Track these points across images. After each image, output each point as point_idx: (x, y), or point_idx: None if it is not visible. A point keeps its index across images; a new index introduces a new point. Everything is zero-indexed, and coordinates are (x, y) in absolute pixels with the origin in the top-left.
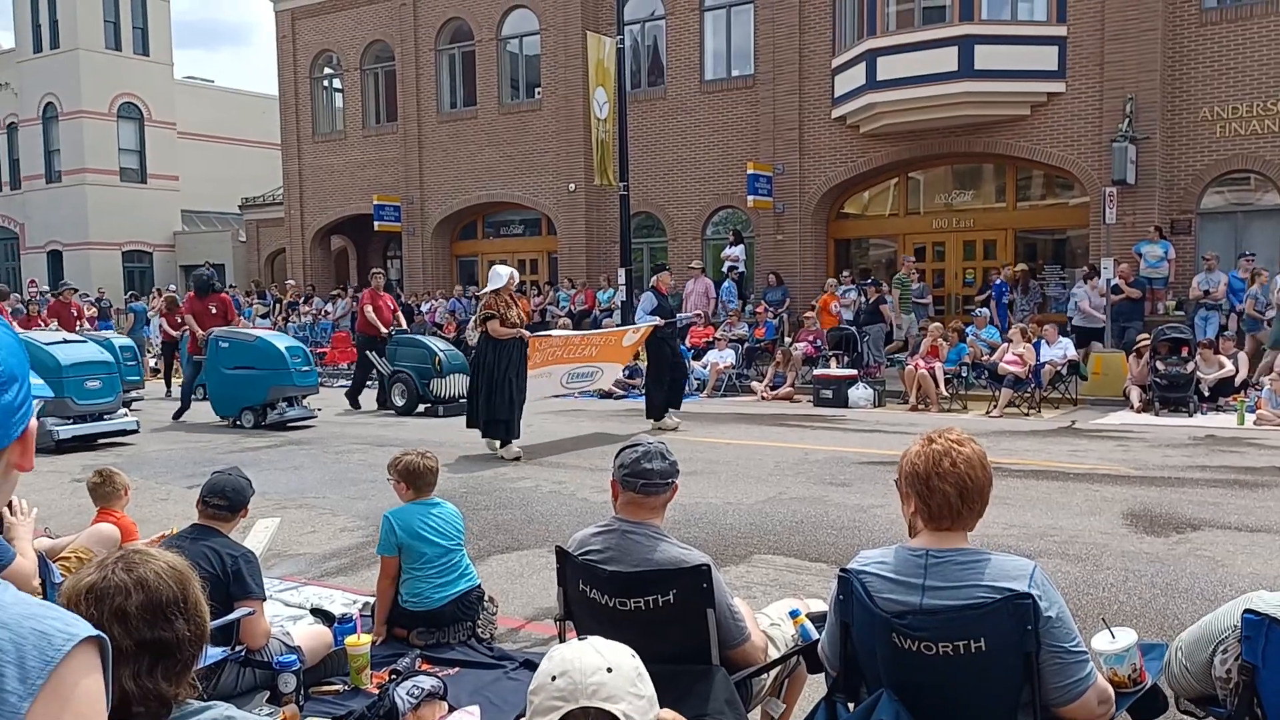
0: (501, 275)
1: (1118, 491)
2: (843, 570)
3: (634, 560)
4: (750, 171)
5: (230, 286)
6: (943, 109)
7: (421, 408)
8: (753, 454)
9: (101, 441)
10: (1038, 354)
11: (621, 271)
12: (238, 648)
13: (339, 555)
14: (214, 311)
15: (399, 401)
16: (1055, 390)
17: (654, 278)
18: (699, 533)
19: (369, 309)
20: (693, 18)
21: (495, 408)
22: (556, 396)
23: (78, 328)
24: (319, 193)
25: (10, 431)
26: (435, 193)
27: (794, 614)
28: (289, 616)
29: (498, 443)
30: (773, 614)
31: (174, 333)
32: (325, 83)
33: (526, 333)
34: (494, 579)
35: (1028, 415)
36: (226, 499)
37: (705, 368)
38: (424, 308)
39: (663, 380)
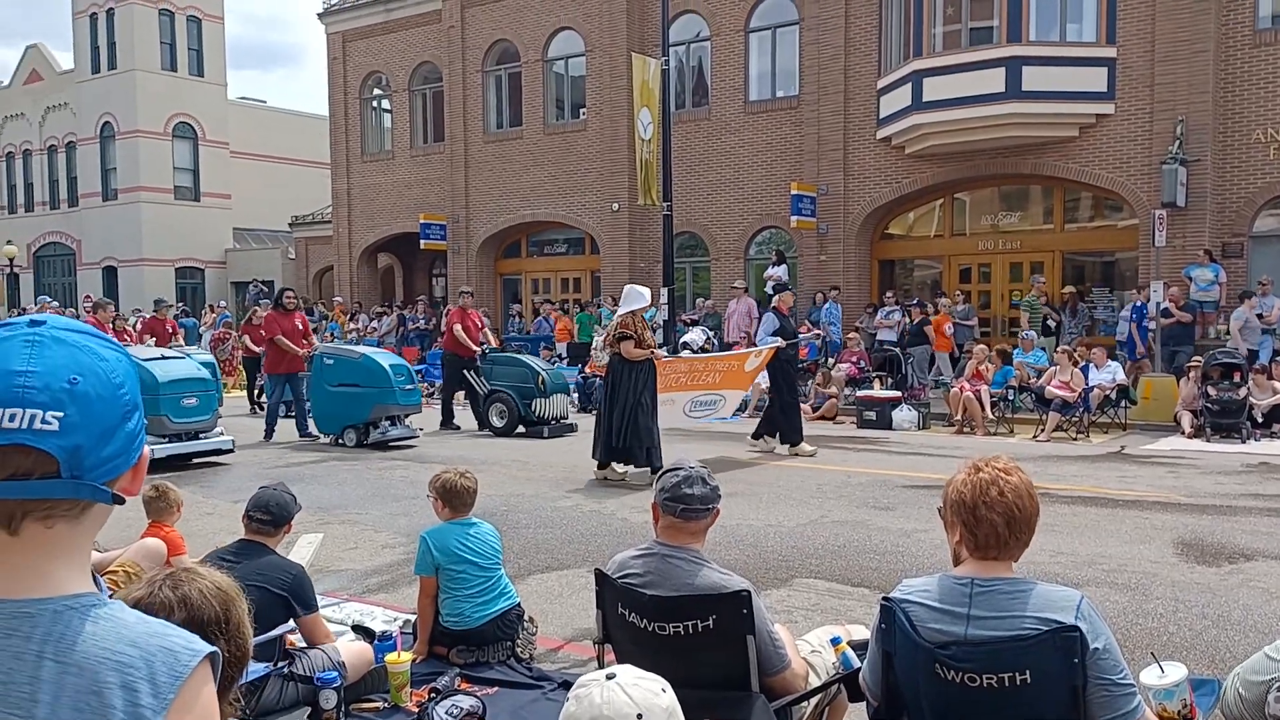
0: (643, 295)
1: (1168, 519)
2: (885, 598)
3: (674, 585)
4: (794, 192)
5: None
6: (989, 130)
7: (521, 428)
8: (794, 476)
9: (195, 461)
10: (1086, 378)
11: (664, 291)
12: (280, 663)
13: (380, 572)
14: (299, 328)
15: (498, 422)
16: (1104, 415)
17: (774, 298)
18: (739, 555)
19: (458, 328)
20: (738, 39)
21: (633, 433)
22: (674, 428)
23: (171, 344)
24: (367, 211)
25: (130, 458)
26: (480, 211)
27: (835, 641)
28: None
29: (622, 468)
30: (814, 641)
31: (256, 349)
32: (374, 103)
33: (660, 353)
34: (533, 598)
35: (1076, 440)
36: (270, 514)
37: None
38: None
39: (785, 409)
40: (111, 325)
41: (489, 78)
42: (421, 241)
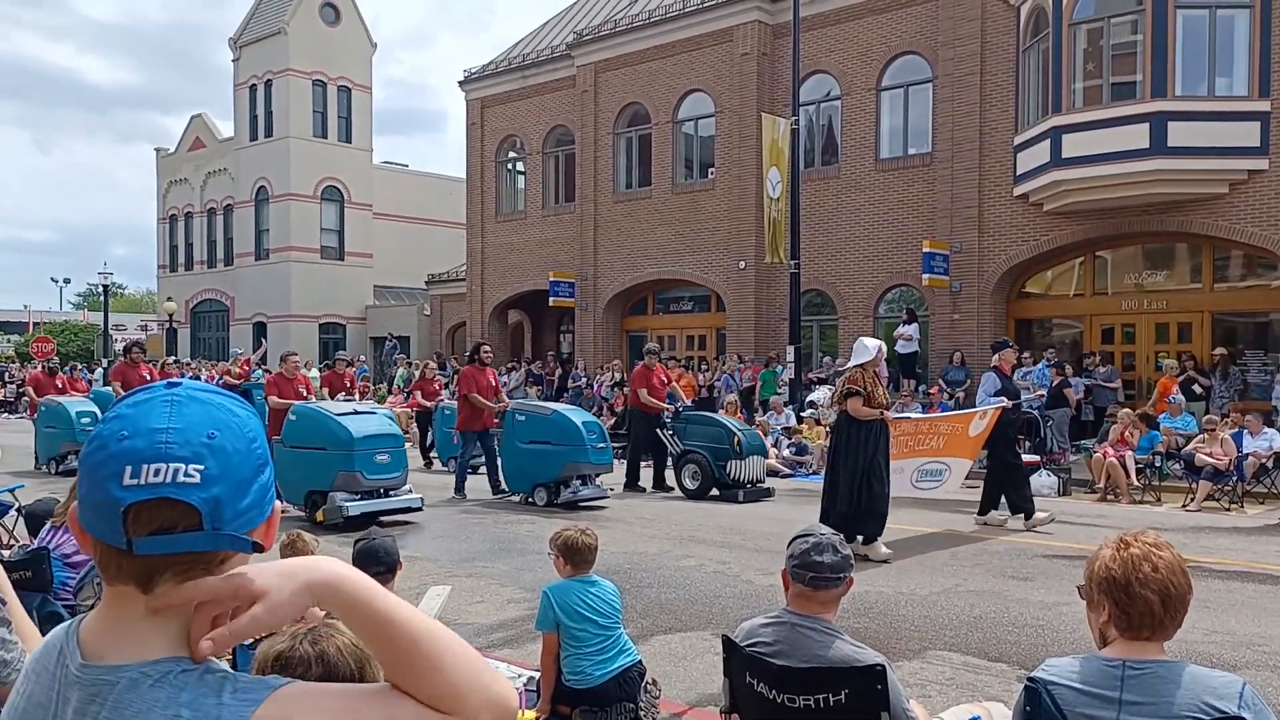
0: (869, 349)
1: None
2: (1030, 679)
3: (804, 656)
4: (926, 250)
5: (437, 354)
6: (1133, 187)
7: (715, 491)
8: (926, 542)
9: (385, 520)
10: (1239, 445)
11: (790, 349)
12: None
13: (505, 627)
14: (492, 384)
15: (690, 484)
16: (1259, 484)
17: (995, 356)
18: (870, 624)
19: (643, 391)
20: (869, 98)
21: (864, 499)
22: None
23: (351, 399)
24: (499, 269)
25: (264, 510)
26: (608, 269)
27: None
28: None
29: (859, 539)
30: None
31: (428, 404)
32: (509, 165)
33: (890, 414)
34: (657, 660)
35: (1229, 510)
36: (384, 563)
37: None
38: (594, 383)
39: (1009, 472)
40: (297, 374)
41: (620, 139)
42: (550, 299)
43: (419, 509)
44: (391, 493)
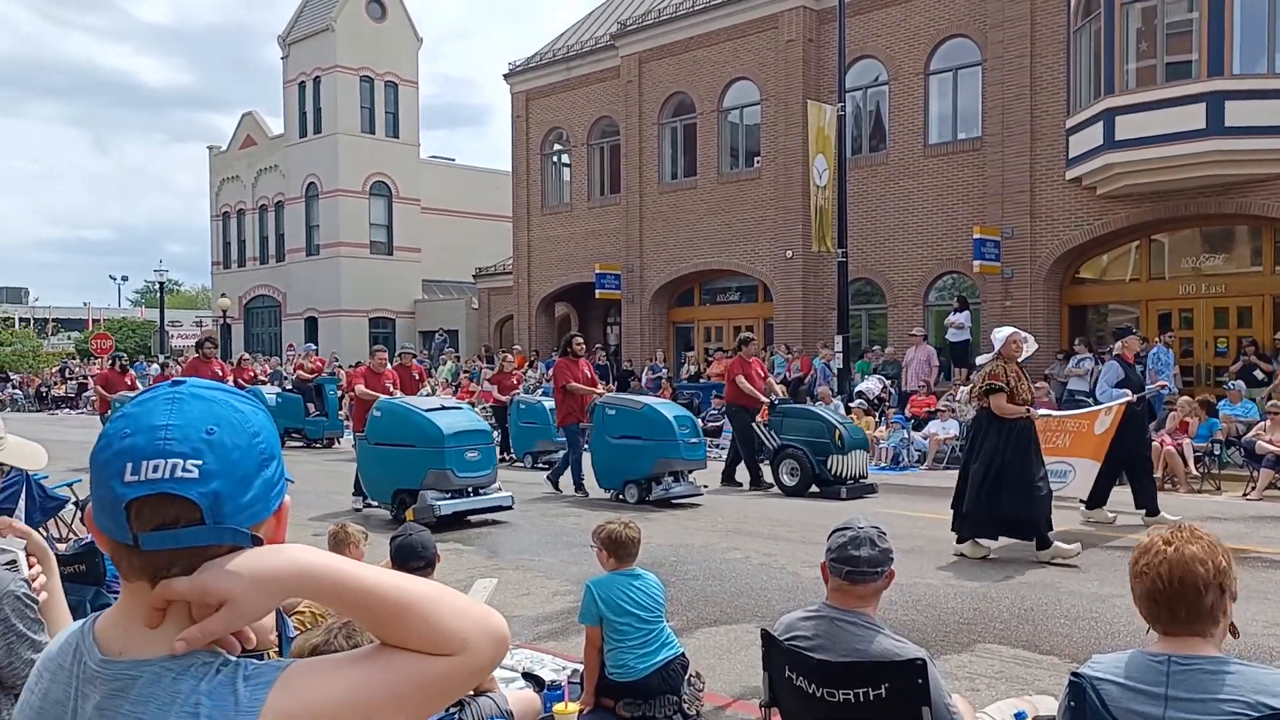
0: (998, 338)
1: None
2: (1074, 674)
3: (843, 650)
4: (977, 236)
5: (485, 348)
6: (1189, 169)
7: (814, 488)
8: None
9: (473, 519)
10: None
11: (838, 338)
12: (450, 709)
13: (551, 619)
14: (589, 375)
15: (789, 480)
16: None
17: (1117, 344)
18: (916, 616)
19: (741, 379)
20: (917, 82)
21: (1010, 503)
22: None
23: (419, 393)
24: (545, 262)
25: (270, 505)
26: (654, 261)
27: (1020, 716)
28: (501, 679)
29: (986, 543)
30: (995, 714)
31: (503, 398)
32: (554, 158)
33: (1034, 411)
34: (701, 653)
35: None
36: (423, 557)
37: (925, 439)
38: (641, 375)
39: (1138, 465)
40: (385, 369)
41: (665, 129)
42: (597, 291)
43: (509, 507)
44: (482, 491)
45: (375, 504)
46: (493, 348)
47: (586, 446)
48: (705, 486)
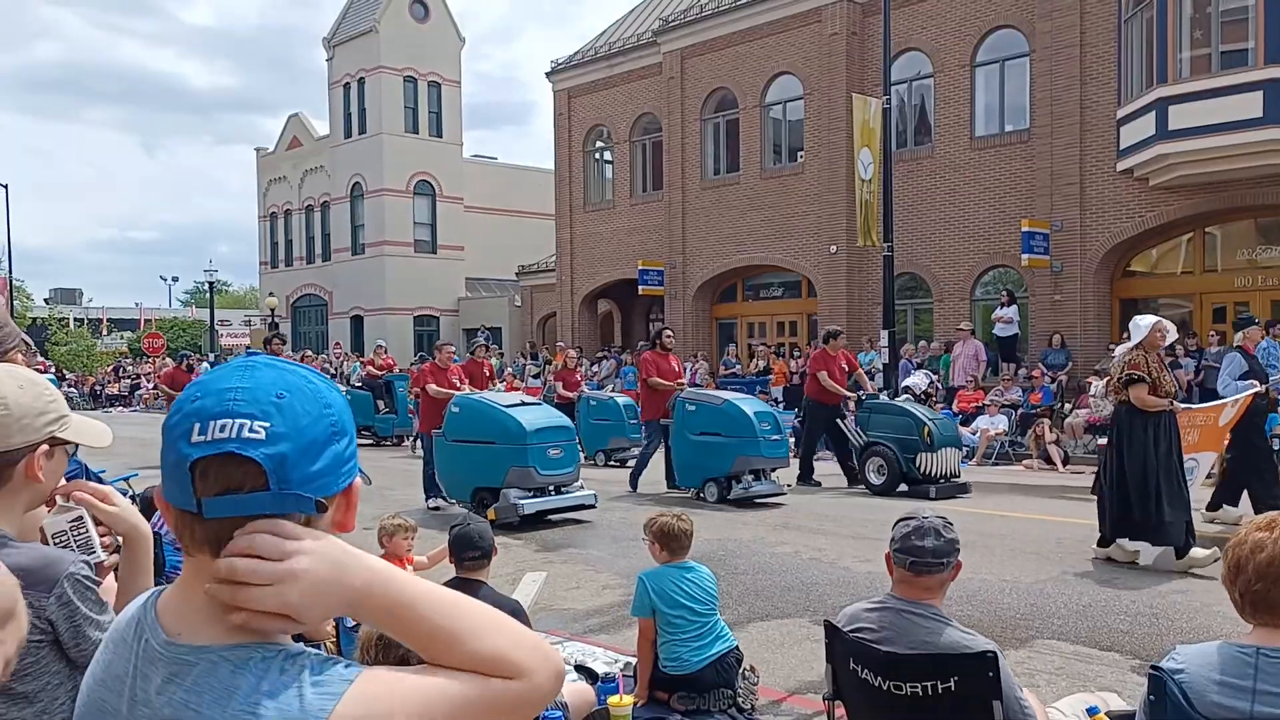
0: (1143, 326)
1: None
2: (1154, 667)
3: (911, 642)
4: (1025, 229)
5: (530, 344)
6: (1245, 158)
7: (903, 486)
8: (1031, 528)
9: (554, 518)
10: None
11: (884, 334)
12: None
13: (601, 612)
14: (675, 369)
15: (875, 479)
16: None
17: (1239, 334)
18: (973, 611)
19: (824, 375)
20: (963, 74)
21: (1167, 501)
22: None
23: (490, 388)
24: (588, 259)
25: (338, 481)
26: (697, 257)
27: (1092, 711)
28: None
29: (1131, 545)
30: (1066, 710)
31: (570, 395)
32: (597, 155)
33: (1177, 404)
34: (754, 647)
35: None
36: (479, 549)
37: (975, 434)
38: (687, 369)
39: (1257, 463)
40: (451, 364)
41: (707, 125)
42: (639, 287)
43: (593, 506)
44: (564, 489)
45: (454, 502)
46: (536, 344)
47: (654, 443)
48: (788, 486)
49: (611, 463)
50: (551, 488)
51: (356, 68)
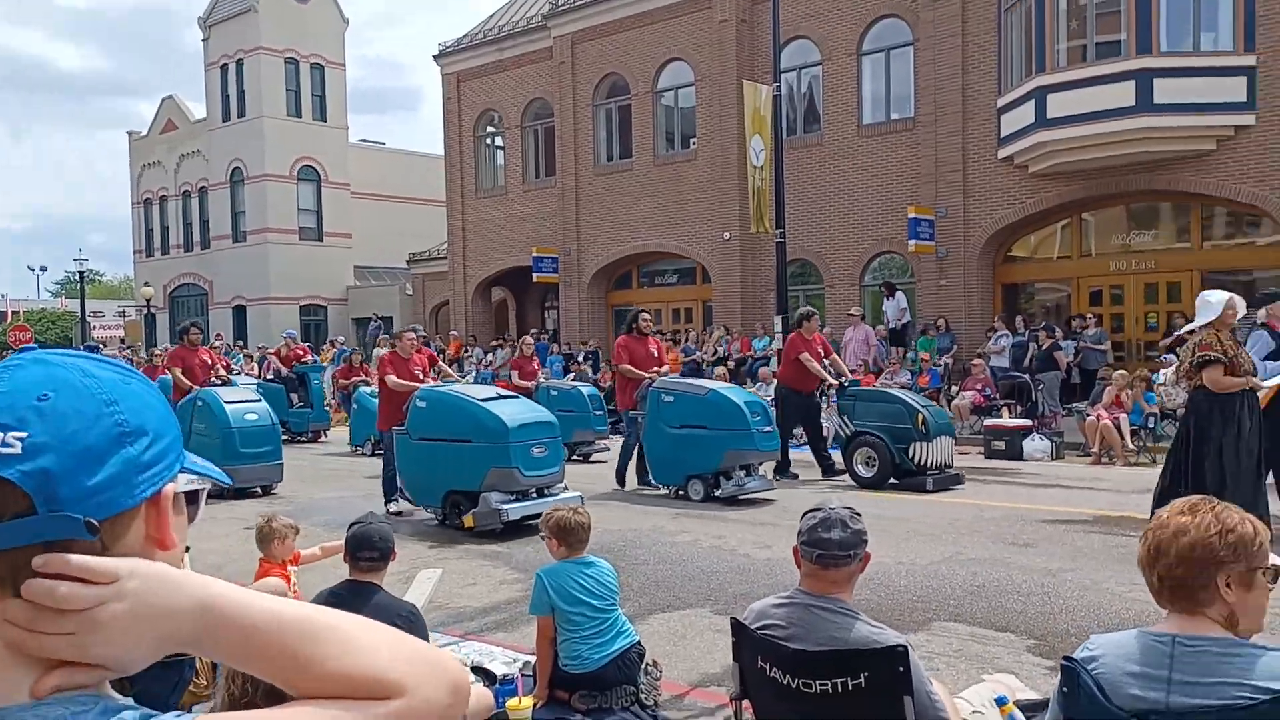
0: (1214, 304)
1: None
2: (1067, 659)
3: (820, 638)
4: (911, 215)
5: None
6: (1119, 146)
7: (893, 479)
8: (923, 509)
9: (534, 524)
10: None
11: (777, 319)
12: None
13: (499, 609)
14: (653, 354)
15: (864, 471)
16: None
17: (1261, 310)
18: (870, 595)
19: (805, 357)
20: (850, 62)
21: (1249, 487)
22: None
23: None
24: (481, 246)
25: (134, 493)
26: (591, 244)
27: (1001, 701)
28: None
29: None
30: (973, 700)
31: (525, 384)
32: (488, 140)
33: (1257, 381)
34: (655, 640)
35: None
36: (377, 549)
37: None
38: (580, 356)
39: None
40: (414, 354)
41: (599, 111)
42: (534, 275)
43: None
44: (548, 491)
45: (425, 507)
46: (429, 334)
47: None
48: (777, 480)
49: (575, 457)
50: (534, 490)
51: (234, 48)
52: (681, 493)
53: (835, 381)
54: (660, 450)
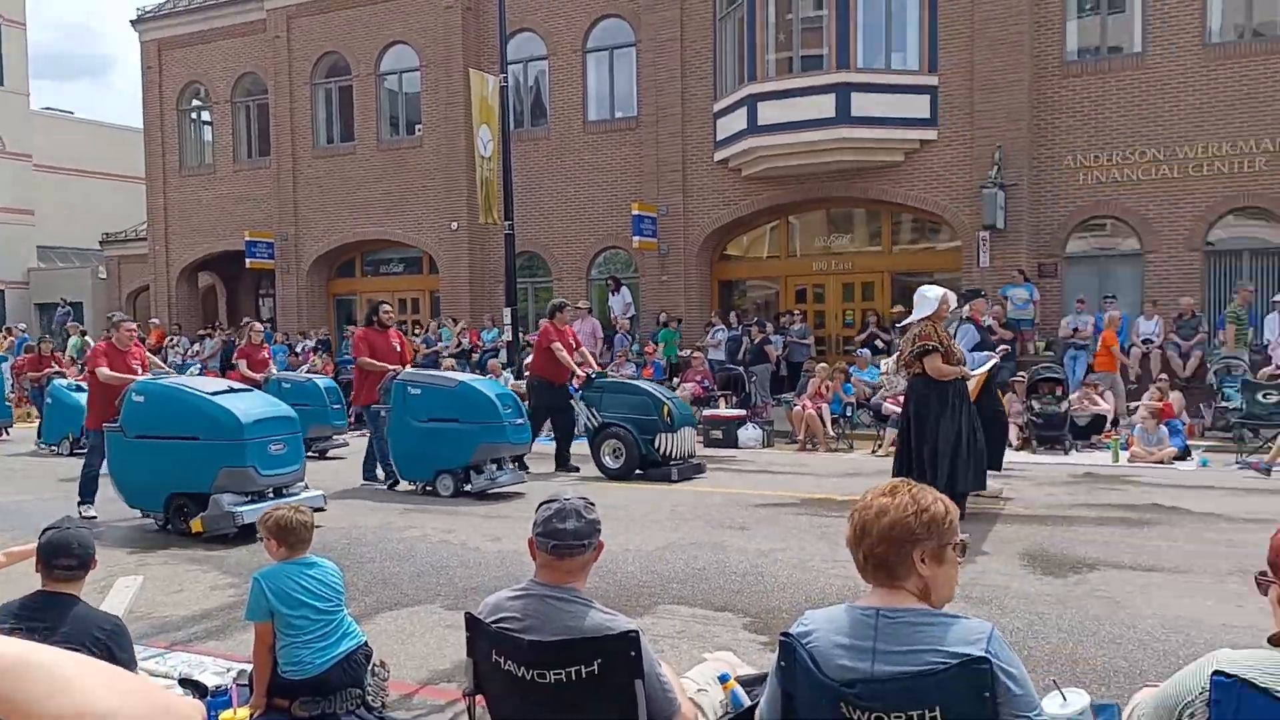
0: (931, 299)
1: (1010, 531)
2: (784, 635)
3: (555, 628)
4: (635, 212)
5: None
6: (821, 154)
7: (639, 470)
8: (646, 497)
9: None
10: None
11: (506, 311)
12: None
13: (209, 617)
14: (398, 349)
15: (611, 463)
16: None
17: (966, 306)
18: (598, 582)
19: (557, 347)
20: (575, 59)
21: (958, 472)
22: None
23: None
24: (186, 228)
25: None
26: (311, 229)
27: (723, 679)
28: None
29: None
30: (699, 678)
31: (255, 375)
32: (193, 115)
33: (967, 370)
34: (383, 639)
35: None
36: (75, 557)
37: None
38: (299, 348)
39: (994, 430)
40: (131, 345)
41: (318, 91)
42: (247, 260)
43: (322, 509)
44: (287, 492)
45: (149, 514)
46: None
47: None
48: (527, 473)
49: (312, 454)
50: (271, 490)
51: None
52: (430, 489)
53: (583, 375)
54: (407, 445)
